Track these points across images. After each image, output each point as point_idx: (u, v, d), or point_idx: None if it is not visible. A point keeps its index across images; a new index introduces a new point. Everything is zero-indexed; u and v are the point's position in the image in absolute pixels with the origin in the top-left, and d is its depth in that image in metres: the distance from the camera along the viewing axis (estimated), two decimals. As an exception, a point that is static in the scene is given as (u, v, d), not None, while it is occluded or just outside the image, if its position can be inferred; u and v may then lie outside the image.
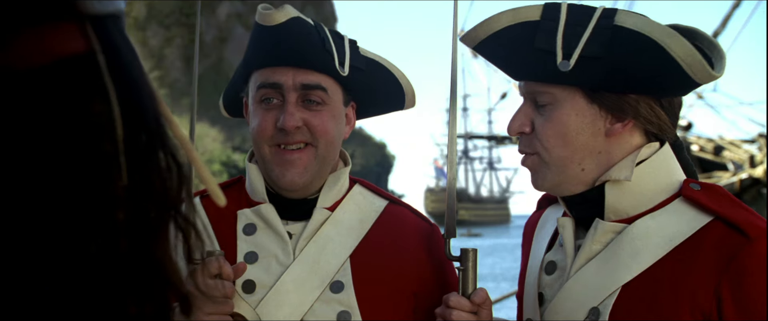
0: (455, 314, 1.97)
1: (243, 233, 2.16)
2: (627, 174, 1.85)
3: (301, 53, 2.09)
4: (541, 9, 1.86)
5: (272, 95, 2.11)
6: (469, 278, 2.02)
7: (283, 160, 2.10)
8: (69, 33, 0.82)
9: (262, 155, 2.13)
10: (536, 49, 1.84)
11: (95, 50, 0.83)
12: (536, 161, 1.91)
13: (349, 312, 2.11)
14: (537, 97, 1.89)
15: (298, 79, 2.09)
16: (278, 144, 2.11)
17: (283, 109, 2.10)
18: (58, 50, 0.81)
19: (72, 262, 0.81)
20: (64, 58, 0.81)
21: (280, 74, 2.10)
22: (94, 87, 0.82)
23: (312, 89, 2.10)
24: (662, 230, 1.83)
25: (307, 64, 2.10)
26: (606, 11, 1.84)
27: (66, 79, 0.81)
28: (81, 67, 0.82)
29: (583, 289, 1.87)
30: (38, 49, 0.80)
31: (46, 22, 0.81)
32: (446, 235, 2.08)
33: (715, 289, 1.74)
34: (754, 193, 15.72)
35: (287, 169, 2.10)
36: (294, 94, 2.10)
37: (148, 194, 0.85)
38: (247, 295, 2.10)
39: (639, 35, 1.77)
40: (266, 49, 2.10)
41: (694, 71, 1.75)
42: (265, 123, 2.11)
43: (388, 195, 2.30)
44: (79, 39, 0.82)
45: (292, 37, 2.08)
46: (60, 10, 0.82)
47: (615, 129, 1.85)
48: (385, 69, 2.23)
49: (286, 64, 2.10)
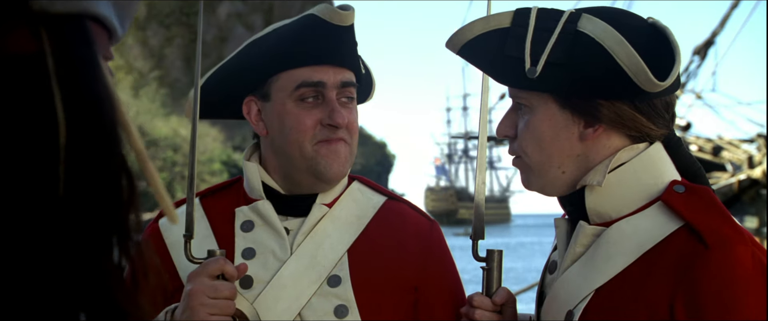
0: (479, 313, 1.99)
1: (241, 230, 2.18)
2: (599, 179, 1.84)
3: (343, 52, 2.16)
4: (511, 15, 1.88)
5: (312, 94, 2.14)
6: (493, 278, 2.05)
7: (331, 152, 2.13)
8: (18, 33, 0.79)
9: (303, 153, 2.14)
10: (506, 56, 1.86)
11: (45, 52, 0.79)
12: (521, 164, 1.93)
13: (347, 306, 2.13)
14: (518, 102, 1.91)
15: (338, 77, 2.15)
16: (321, 140, 2.14)
17: (327, 107, 2.13)
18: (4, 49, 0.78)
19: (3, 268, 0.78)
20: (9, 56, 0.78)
21: (322, 73, 2.13)
22: (38, 89, 0.79)
23: (349, 86, 2.17)
24: (635, 235, 1.81)
25: (344, 63, 2.16)
26: (572, 15, 1.84)
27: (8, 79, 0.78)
28: (27, 69, 0.79)
29: (564, 291, 1.87)
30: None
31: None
32: (474, 237, 2.11)
33: (670, 301, 1.71)
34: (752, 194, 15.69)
35: (334, 161, 2.14)
36: (335, 92, 2.15)
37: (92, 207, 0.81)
38: (244, 291, 2.12)
39: (594, 42, 1.79)
40: (308, 46, 2.14)
41: (639, 80, 1.75)
42: (309, 121, 2.13)
43: (386, 191, 2.31)
44: (29, 39, 0.79)
45: (353, 37, 2.17)
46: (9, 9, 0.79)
47: (587, 134, 1.85)
48: (367, 68, 2.33)
49: (335, 64, 2.15)
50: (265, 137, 2.20)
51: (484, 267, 2.06)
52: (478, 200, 2.13)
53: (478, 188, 2.13)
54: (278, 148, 2.18)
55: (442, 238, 2.28)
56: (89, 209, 0.81)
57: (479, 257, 2.08)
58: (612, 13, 1.86)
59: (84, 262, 0.81)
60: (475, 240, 2.10)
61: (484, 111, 2.18)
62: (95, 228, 0.81)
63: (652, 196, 1.84)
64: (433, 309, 2.19)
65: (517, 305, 2.06)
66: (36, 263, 0.79)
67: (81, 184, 0.80)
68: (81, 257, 0.81)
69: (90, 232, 0.81)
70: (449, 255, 2.29)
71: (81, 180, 0.80)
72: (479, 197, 2.13)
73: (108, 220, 0.82)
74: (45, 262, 0.79)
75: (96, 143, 0.81)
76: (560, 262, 1.92)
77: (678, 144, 1.92)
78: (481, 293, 2.04)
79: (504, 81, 1.91)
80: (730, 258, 1.71)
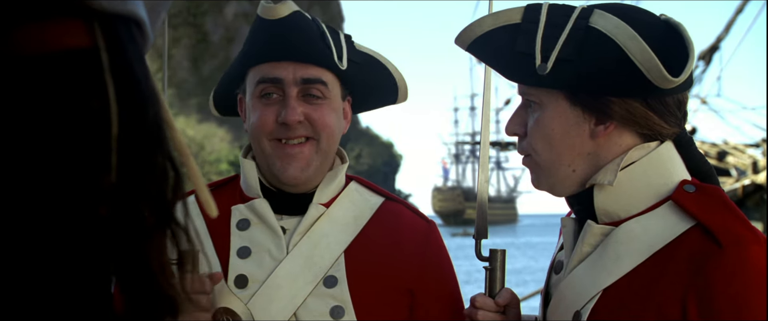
0: (481, 314, 1.98)
1: (236, 228, 2.16)
2: (610, 178, 1.81)
3: (302, 47, 2.11)
4: (522, 11, 1.86)
5: (272, 90, 2.12)
6: (496, 278, 2.04)
7: (285, 155, 2.11)
8: (74, 28, 0.83)
9: (262, 150, 2.14)
10: (517, 52, 1.83)
11: (99, 47, 0.83)
12: (531, 163, 1.91)
13: (342, 307, 2.11)
14: (528, 99, 1.89)
15: (298, 74, 2.11)
16: (279, 138, 2.12)
17: (284, 104, 2.10)
18: (61, 43, 0.82)
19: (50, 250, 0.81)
20: (66, 50, 0.82)
21: (281, 69, 2.11)
22: (93, 82, 0.82)
23: (312, 83, 2.12)
24: (645, 235, 1.78)
25: (308, 59, 2.11)
26: (583, 11, 1.82)
27: (65, 70, 0.82)
28: (82, 62, 0.83)
29: (571, 292, 1.85)
30: (40, 39, 0.81)
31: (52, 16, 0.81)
32: (477, 236, 2.09)
33: (682, 301, 1.69)
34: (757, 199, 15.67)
35: (289, 164, 2.11)
36: (295, 89, 2.11)
37: (141, 195, 0.85)
38: (239, 290, 2.10)
39: (606, 37, 1.76)
40: (267, 44, 2.12)
41: (653, 76, 1.72)
42: (265, 117, 2.12)
43: (384, 192, 2.29)
44: (84, 35, 0.83)
45: (294, 31, 2.10)
46: (67, 5, 0.82)
47: (598, 131, 1.82)
48: (380, 63, 2.26)
49: (287, 59, 2.11)
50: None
51: (486, 267, 2.04)
52: (481, 199, 2.11)
53: (481, 187, 2.11)
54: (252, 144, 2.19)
55: (440, 239, 2.26)
56: (139, 197, 0.84)
57: (482, 257, 2.06)
58: (624, 9, 1.82)
59: (132, 249, 0.85)
60: (478, 239, 2.08)
61: (487, 109, 2.16)
62: (143, 215, 0.85)
63: (661, 195, 1.82)
64: (429, 312, 2.17)
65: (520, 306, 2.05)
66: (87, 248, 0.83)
67: (131, 173, 0.84)
68: (129, 244, 0.84)
69: (139, 218, 0.85)
70: (447, 257, 2.27)
71: (132, 169, 0.84)
72: (482, 196, 2.11)
73: (156, 208, 0.86)
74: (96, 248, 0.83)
75: (145, 135, 0.85)
76: (567, 262, 1.90)
77: (689, 143, 1.89)
78: (484, 294, 2.02)
79: (514, 77, 1.88)
80: (745, 257, 1.69)
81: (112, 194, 0.83)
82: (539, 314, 1.99)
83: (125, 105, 0.83)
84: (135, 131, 0.84)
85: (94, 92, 0.82)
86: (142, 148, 0.85)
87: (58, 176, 0.81)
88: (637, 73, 1.73)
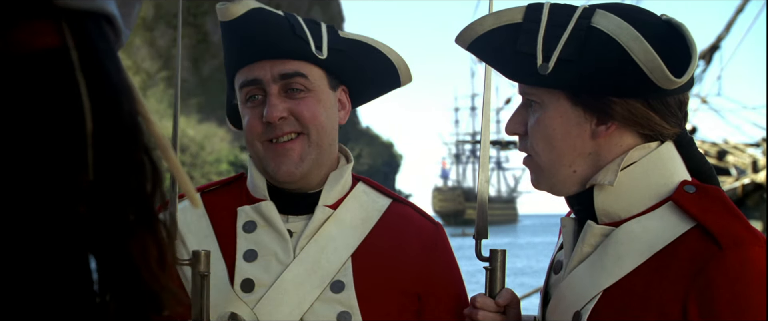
0: (481, 314, 1.98)
1: (243, 230, 2.15)
2: (611, 178, 1.81)
3: (272, 43, 2.08)
4: (523, 11, 1.85)
5: (255, 92, 2.11)
6: (496, 278, 2.03)
7: (276, 153, 2.10)
8: (42, 28, 0.83)
9: (256, 152, 2.13)
10: (518, 52, 1.83)
11: (69, 46, 0.83)
12: (531, 163, 1.91)
13: (350, 312, 2.09)
14: (529, 99, 1.89)
15: (275, 71, 2.09)
16: (269, 139, 2.11)
17: (266, 103, 2.09)
18: (30, 44, 0.82)
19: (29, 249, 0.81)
20: (36, 51, 0.82)
21: (257, 69, 2.09)
22: (64, 81, 0.82)
23: (291, 77, 2.09)
24: (645, 235, 1.78)
25: (281, 54, 2.09)
26: (585, 11, 1.82)
27: (36, 72, 0.82)
28: (53, 62, 0.83)
29: (571, 292, 1.84)
30: (9, 42, 0.81)
31: (20, 18, 0.81)
32: (477, 236, 2.07)
33: (683, 302, 1.69)
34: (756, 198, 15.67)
35: (282, 162, 2.10)
36: (275, 86, 2.09)
37: (119, 191, 0.85)
38: (245, 294, 2.09)
39: (608, 37, 1.76)
40: (237, 48, 2.10)
41: (655, 76, 1.72)
42: (253, 120, 2.11)
43: (392, 193, 2.27)
44: (53, 34, 0.83)
45: (258, 27, 2.08)
46: (34, 6, 0.82)
47: (599, 131, 1.82)
48: (371, 47, 2.21)
49: (261, 58, 2.09)
50: None
51: (487, 267, 2.03)
52: (481, 199, 2.10)
53: (481, 187, 2.10)
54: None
55: (447, 242, 2.25)
56: (117, 192, 0.84)
57: (482, 257, 2.05)
58: (626, 10, 1.82)
59: (112, 244, 0.85)
60: (478, 239, 2.07)
61: (487, 109, 2.16)
62: (123, 211, 0.85)
63: (662, 195, 1.82)
64: (437, 315, 2.16)
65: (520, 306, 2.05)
66: (67, 244, 0.83)
67: (108, 168, 0.84)
68: (110, 241, 0.85)
69: (118, 214, 0.85)
70: (454, 260, 2.25)
71: (108, 165, 0.84)
72: (482, 196, 2.10)
73: (135, 203, 0.86)
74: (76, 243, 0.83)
75: (120, 130, 0.85)
76: (567, 262, 1.90)
77: (690, 144, 1.89)
78: (484, 294, 2.02)
79: (515, 77, 1.88)
80: (745, 259, 1.69)
81: (90, 192, 0.83)
82: (538, 314, 1.98)
83: (98, 101, 0.83)
84: (110, 127, 0.84)
85: (66, 91, 0.82)
86: (118, 143, 0.85)
87: (35, 176, 0.81)
88: (640, 73, 1.73)
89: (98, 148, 0.83)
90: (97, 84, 0.84)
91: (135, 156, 0.86)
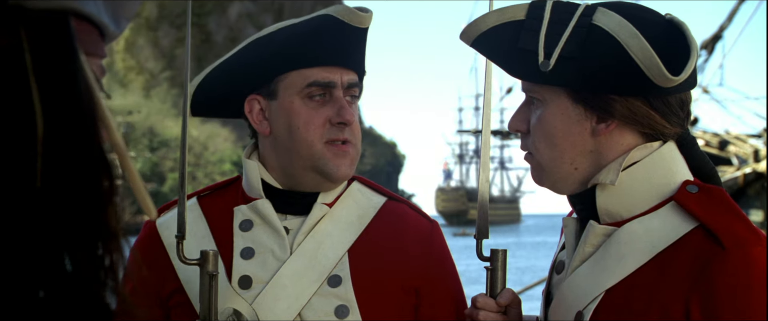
0: (482, 314, 1.97)
1: (239, 229, 2.16)
2: (612, 178, 1.81)
3: (355, 55, 2.18)
4: (526, 8, 1.86)
5: (319, 92, 2.14)
6: (498, 278, 2.03)
7: (337, 154, 2.13)
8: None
9: (311, 152, 2.13)
10: (520, 49, 1.84)
11: (23, 48, 0.80)
12: (533, 160, 1.91)
13: (347, 306, 2.11)
14: (531, 96, 1.90)
15: (345, 78, 2.16)
16: (331, 140, 2.13)
17: (335, 104, 2.13)
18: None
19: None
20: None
21: (333, 73, 2.14)
22: (14, 83, 0.79)
23: (353, 87, 2.18)
24: (647, 236, 1.78)
25: (355, 66, 2.18)
26: (587, 9, 1.82)
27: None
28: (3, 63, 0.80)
29: (573, 292, 1.84)
30: None
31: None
32: (478, 236, 2.08)
33: (686, 303, 1.69)
34: (758, 187, 15.65)
35: (342, 163, 2.14)
36: (343, 91, 2.15)
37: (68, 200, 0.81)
38: (243, 291, 2.11)
39: (608, 35, 1.76)
40: (333, 49, 2.14)
41: (652, 73, 1.72)
42: (318, 119, 2.13)
43: (387, 192, 2.30)
44: (3, 34, 0.80)
45: (363, 40, 2.19)
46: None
47: (600, 129, 1.82)
48: None
49: (340, 65, 2.15)
50: (266, 136, 2.18)
51: (488, 267, 2.04)
52: (482, 199, 2.11)
53: (482, 187, 2.11)
54: (283, 146, 2.15)
55: (443, 239, 2.27)
56: (67, 202, 0.81)
57: (483, 257, 2.06)
58: (628, 8, 1.83)
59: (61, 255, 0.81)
60: (479, 239, 2.07)
61: (488, 109, 2.16)
62: (73, 221, 0.81)
63: (664, 195, 1.81)
64: (434, 311, 2.18)
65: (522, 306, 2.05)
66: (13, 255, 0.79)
67: (59, 177, 0.80)
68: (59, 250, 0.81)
69: (68, 225, 0.81)
70: (450, 256, 2.27)
71: (59, 173, 0.80)
72: (483, 196, 2.11)
73: (86, 213, 0.82)
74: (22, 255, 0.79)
75: (74, 137, 0.81)
76: (569, 262, 1.90)
77: (692, 143, 1.89)
78: (485, 294, 2.02)
79: (517, 74, 1.89)
80: (748, 259, 1.69)
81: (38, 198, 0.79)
82: (540, 314, 1.99)
83: (52, 105, 0.80)
84: (63, 132, 0.81)
85: (16, 93, 0.79)
86: (71, 149, 0.81)
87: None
88: (638, 71, 1.73)
89: (49, 154, 0.80)
90: (51, 88, 0.80)
91: (89, 163, 0.82)
